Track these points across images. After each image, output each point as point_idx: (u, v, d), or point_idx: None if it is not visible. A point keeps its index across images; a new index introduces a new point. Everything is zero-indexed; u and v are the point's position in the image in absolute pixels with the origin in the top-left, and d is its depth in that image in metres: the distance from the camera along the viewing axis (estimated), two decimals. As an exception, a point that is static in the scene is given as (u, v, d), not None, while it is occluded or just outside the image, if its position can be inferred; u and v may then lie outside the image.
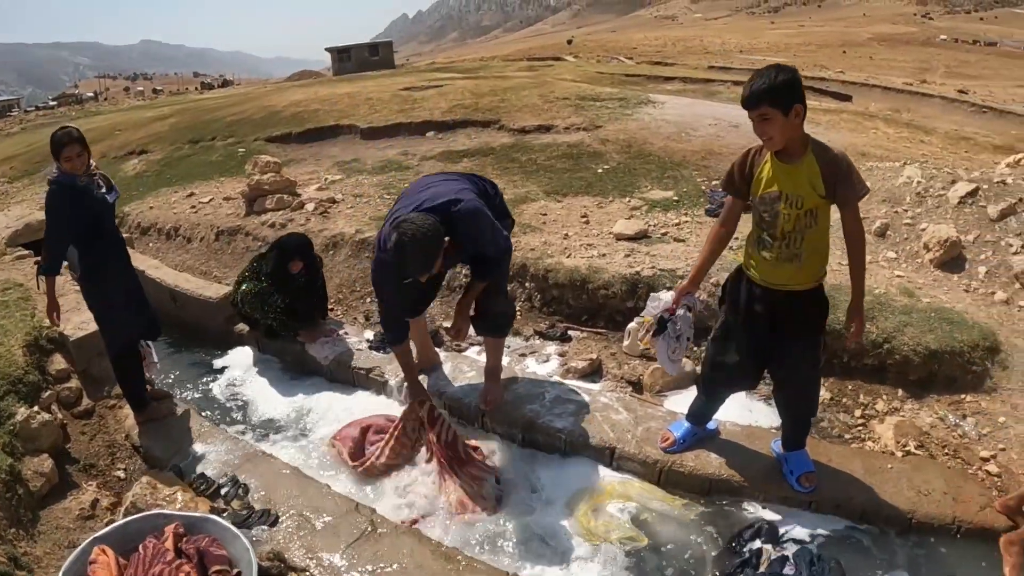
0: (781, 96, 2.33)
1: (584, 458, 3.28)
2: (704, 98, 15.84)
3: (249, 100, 15.76)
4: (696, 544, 2.81)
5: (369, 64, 41.54)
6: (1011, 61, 54.76)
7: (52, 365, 4.10)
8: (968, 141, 13.16)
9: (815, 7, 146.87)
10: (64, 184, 3.34)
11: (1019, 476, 2.93)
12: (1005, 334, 3.76)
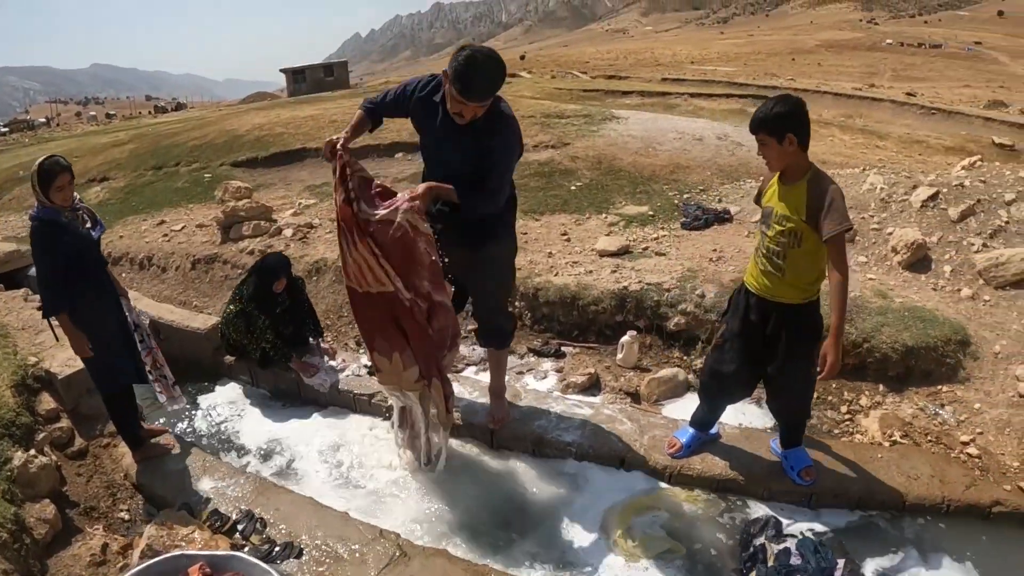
0: (775, 125, 2.66)
1: (601, 469, 3.47)
2: (664, 111, 16.38)
3: (209, 124, 15.69)
4: (718, 541, 3.05)
5: (324, 85, 41.69)
6: (956, 62, 57.35)
7: (40, 405, 4.08)
8: (921, 144, 13.94)
9: (763, 17, 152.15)
10: (46, 221, 3.28)
11: (997, 456, 3.28)
12: (974, 328, 4.16)
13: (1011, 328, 4.21)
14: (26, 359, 4.36)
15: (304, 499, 3.42)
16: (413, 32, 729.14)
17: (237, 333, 4.64)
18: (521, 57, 75.71)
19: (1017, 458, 3.26)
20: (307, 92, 37.52)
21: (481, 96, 2.82)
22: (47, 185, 3.26)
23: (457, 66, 2.76)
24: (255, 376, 4.88)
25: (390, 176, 9.37)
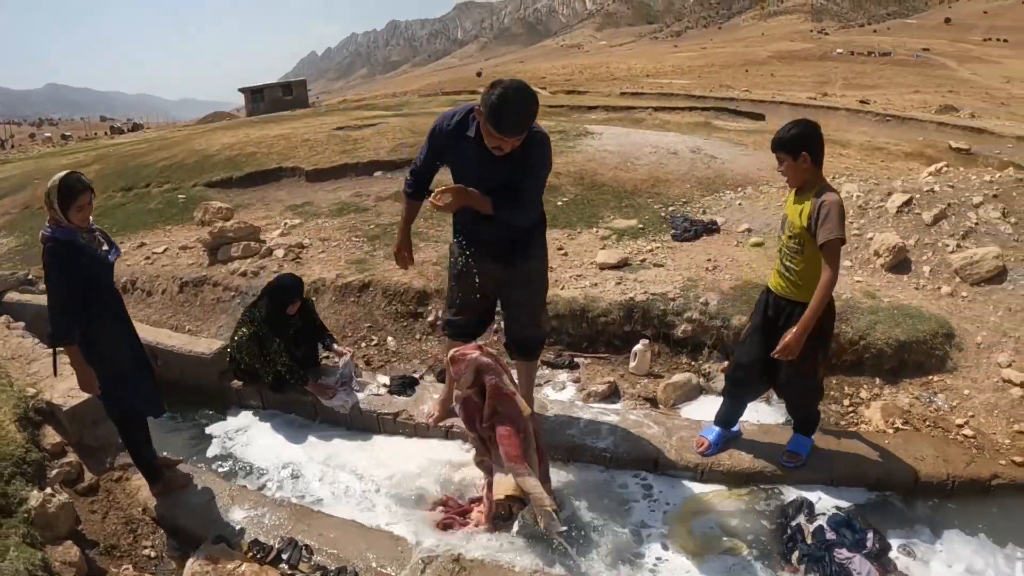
0: (791, 145, 3.09)
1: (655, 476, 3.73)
2: (633, 126, 16.87)
3: (176, 144, 15.59)
4: (763, 528, 3.35)
5: (283, 104, 41.54)
6: (905, 69, 59.65)
7: (45, 439, 3.96)
8: (882, 151, 14.65)
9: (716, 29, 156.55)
10: (62, 242, 3.18)
11: (990, 436, 3.72)
12: (956, 321, 4.61)
13: (989, 320, 4.68)
14: (24, 390, 4.23)
15: (347, 522, 3.46)
16: (369, 50, 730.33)
17: (250, 356, 4.64)
18: (478, 74, 76.42)
19: (1007, 436, 3.70)
20: (266, 111, 37.36)
21: (518, 131, 2.97)
22: (68, 203, 3.18)
23: (491, 105, 2.89)
24: (266, 400, 4.88)
25: (372, 195, 9.46)
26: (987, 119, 29.23)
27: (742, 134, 14.79)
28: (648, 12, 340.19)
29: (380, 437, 4.38)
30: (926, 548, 3.17)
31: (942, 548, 3.17)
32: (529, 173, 3.21)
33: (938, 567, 3.07)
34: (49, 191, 3.19)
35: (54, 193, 3.17)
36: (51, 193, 3.18)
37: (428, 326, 5.58)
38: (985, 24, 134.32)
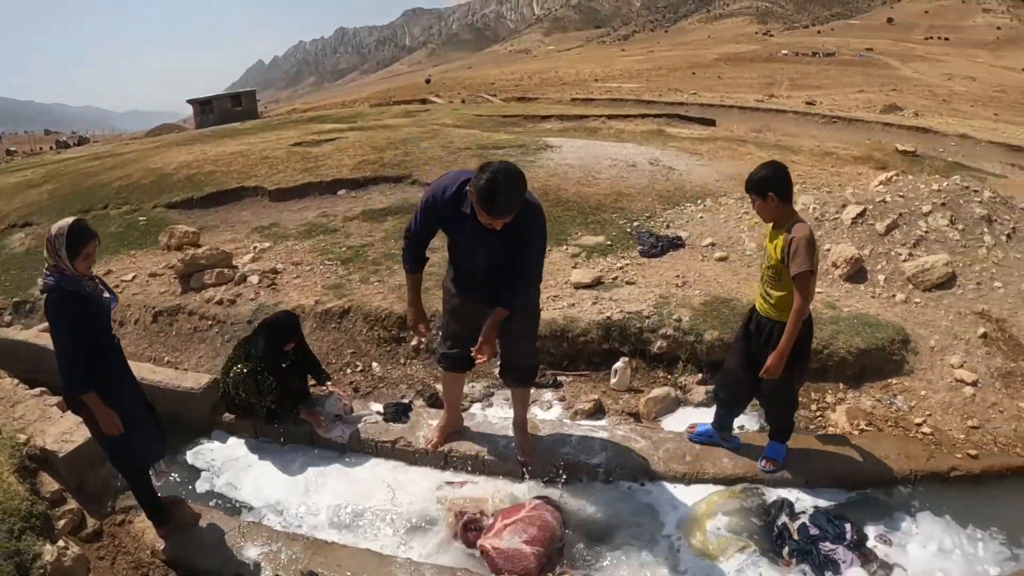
0: (758, 187, 3.52)
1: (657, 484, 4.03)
2: (589, 137, 17.21)
3: (131, 162, 15.26)
4: (753, 526, 3.70)
5: (232, 115, 41.11)
6: (849, 69, 61.83)
7: (43, 487, 3.89)
8: (831, 156, 15.31)
9: (663, 33, 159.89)
10: (69, 292, 3.17)
11: (947, 432, 4.16)
12: (911, 327, 5.06)
13: (941, 324, 5.14)
14: (15, 437, 4.12)
15: (363, 552, 3.60)
16: (317, 58, 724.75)
17: (247, 393, 4.71)
18: (426, 81, 76.67)
19: (962, 431, 4.16)
20: (215, 123, 36.93)
21: (509, 213, 3.15)
22: (76, 251, 3.14)
23: (481, 189, 3.06)
24: (259, 432, 4.93)
25: (339, 215, 9.48)
26: (931, 117, 30.70)
27: (696, 142, 15.30)
28: (595, 16, 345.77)
29: (381, 465, 4.50)
30: (901, 536, 3.58)
31: (917, 532, 3.60)
32: (529, 246, 3.44)
33: (914, 549, 3.50)
34: (55, 238, 3.13)
35: (61, 241, 3.11)
36: (57, 240, 3.12)
37: (412, 350, 5.80)
38: (926, 23, 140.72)
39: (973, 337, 4.98)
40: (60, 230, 3.15)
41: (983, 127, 25.30)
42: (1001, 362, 4.75)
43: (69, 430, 4.18)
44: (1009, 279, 5.61)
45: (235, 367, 4.77)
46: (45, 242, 3.22)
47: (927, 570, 3.38)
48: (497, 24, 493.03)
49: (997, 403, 4.42)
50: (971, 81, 55.40)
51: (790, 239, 3.41)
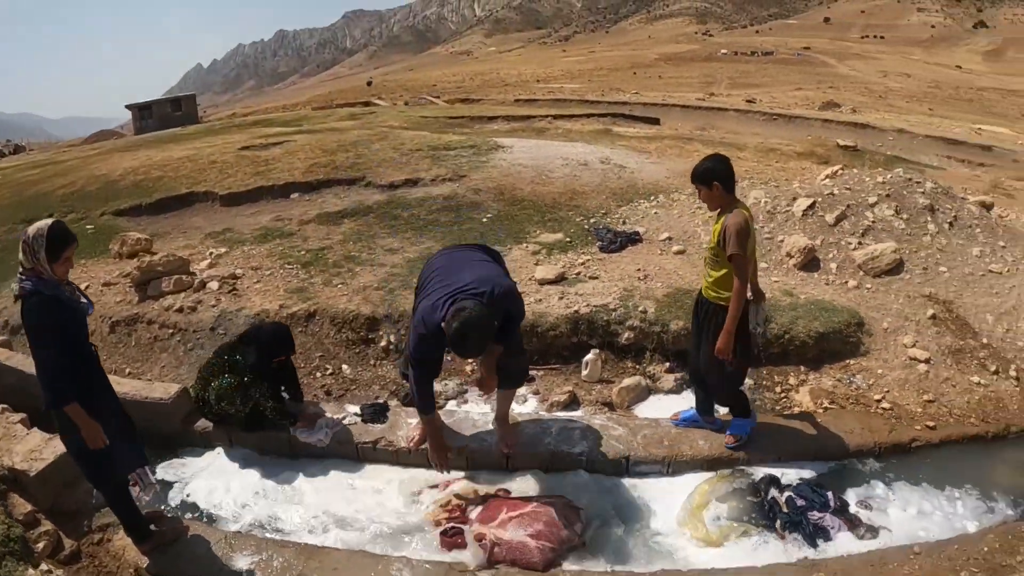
0: (704, 177, 3.85)
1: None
2: (538, 137, 17.44)
3: (74, 170, 14.83)
4: (747, 506, 3.91)
5: (173, 120, 40.36)
6: (787, 67, 63.87)
7: (15, 509, 3.78)
8: (775, 152, 15.88)
9: (603, 33, 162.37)
10: (46, 296, 3.08)
11: (905, 406, 4.50)
12: (864, 310, 5.38)
13: (892, 307, 5.49)
14: None
15: (357, 554, 3.66)
16: (256, 61, 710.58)
17: (230, 404, 4.64)
18: (368, 83, 76.14)
19: (919, 405, 4.51)
20: (154, 129, 36.16)
21: (478, 353, 3.58)
22: (56, 254, 3.09)
23: (452, 336, 3.41)
24: (234, 441, 4.89)
25: (294, 218, 9.46)
26: (868, 113, 32.05)
27: (643, 141, 15.68)
28: (537, 18, 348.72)
29: (364, 466, 4.55)
30: (881, 500, 3.90)
31: (895, 498, 3.92)
32: (511, 340, 3.92)
33: (895, 512, 3.81)
34: (33, 240, 3.06)
35: (40, 243, 3.05)
36: (36, 243, 3.05)
37: (381, 351, 5.87)
38: (862, 23, 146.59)
39: (923, 318, 5.34)
40: (39, 232, 3.08)
41: (919, 122, 26.54)
42: (951, 340, 5.12)
43: (37, 447, 4.07)
44: (953, 264, 6.02)
45: (220, 378, 4.69)
46: (21, 244, 3.12)
47: (910, 531, 3.67)
48: (438, 26, 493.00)
49: (949, 378, 4.79)
50: (906, 78, 57.94)
51: (725, 225, 3.73)
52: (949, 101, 45.99)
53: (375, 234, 8.42)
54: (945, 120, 31.01)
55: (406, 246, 7.86)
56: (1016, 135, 26.54)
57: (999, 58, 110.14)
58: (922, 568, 3.12)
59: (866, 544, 3.55)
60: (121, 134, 44.14)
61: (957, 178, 13.09)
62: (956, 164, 19.37)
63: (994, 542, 3.30)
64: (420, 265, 7.09)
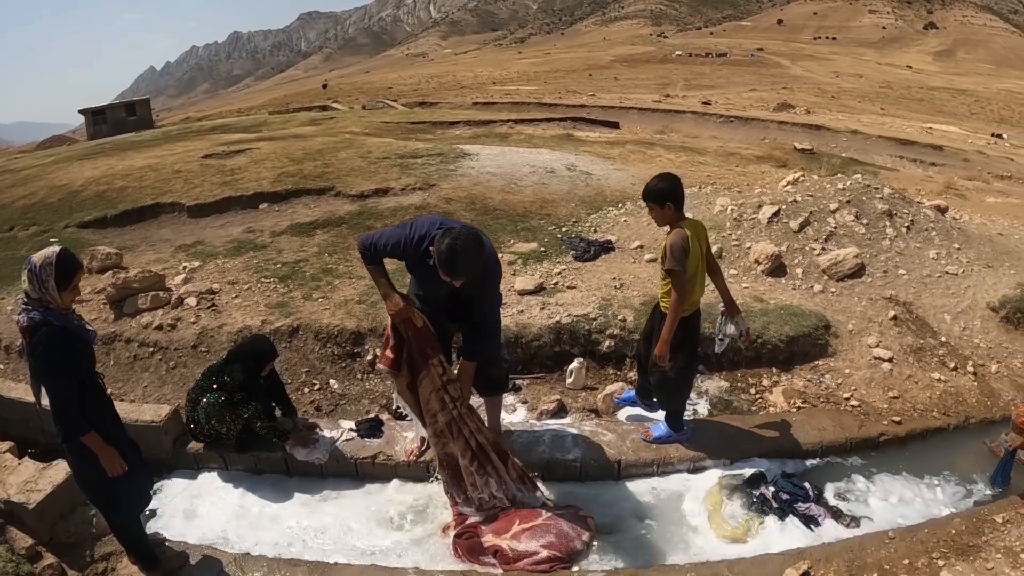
0: (658, 197, 4.07)
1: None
2: (501, 143, 17.70)
3: (32, 179, 14.37)
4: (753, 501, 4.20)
5: (127, 125, 39.72)
6: (741, 68, 65.20)
7: (16, 543, 3.75)
8: (735, 156, 16.39)
9: (559, 35, 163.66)
10: (56, 326, 3.06)
11: (872, 403, 4.87)
12: (831, 313, 5.75)
13: (856, 310, 5.86)
14: None
15: (371, 568, 3.78)
16: (211, 63, 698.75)
17: (220, 423, 4.68)
18: (323, 86, 75.61)
19: (885, 402, 4.88)
20: (108, 134, 35.50)
21: (466, 276, 3.49)
22: (66, 283, 3.06)
23: (441, 254, 3.40)
24: (228, 461, 4.91)
25: (265, 230, 9.47)
26: (822, 114, 33.03)
27: (606, 146, 16.05)
28: (492, 20, 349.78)
29: (364, 482, 4.66)
30: (859, 492, 4.25)
31: (874, 488, 4.27)
32: (484, 300, 3.90)
33: (875, 502, 4.16)
34: (40, 269, 3.03)
35: (49, 271, 3.02)
36: (44, 271, 3.02)
37: (367, 365, 6.02)
38: (815, 24, 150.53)
39: (885, 319, 5.73)
40: (47, 260, 3.04)
41: (871, 122, 27.45)
42: (912, 340, 5.51)
43: (32, 478, 3.99)
44: (911, 266, 6.44)
45: (206, 397, 4.71)
46: (26, 274, 3.06)
47: (890, 519, 4.01)
48: (394, 28, 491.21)
49: (912, 375, 5.18)
50: (858, 78, 59.73)
51: (668, 243, 4.00)
52: (901, 101, 47.56)
53: (350, 245, 8.45)
54: (897, 120, 32.16)
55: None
56: (966, 134, 27.69)
57: (949, 58, 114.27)
58: (897, 551, 3.43)
59: (850, 531, 3.86)
60: (74, 140, 43.26)
61: (911, 179, 13.71)
62: (909, 164, 20.20)
63: (960, 525, 3.63)
64: (399, 276, 7.29)
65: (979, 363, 5.44)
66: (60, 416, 3.15)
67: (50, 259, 3.05)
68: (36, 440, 4.80)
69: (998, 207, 10.57)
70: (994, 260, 6.81)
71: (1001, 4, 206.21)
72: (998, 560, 3.30)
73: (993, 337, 5.75)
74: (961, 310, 5.95)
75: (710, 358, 5.48)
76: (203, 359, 6.16)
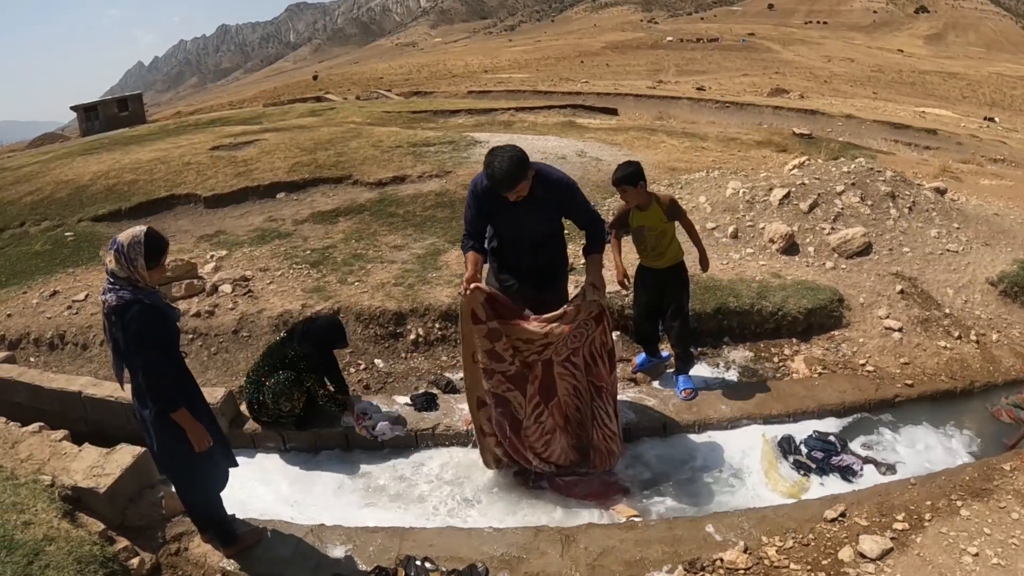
0: (631, 179, 4.74)
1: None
2: (505, 131, 17.91)
3: (35, 176, 14.36)
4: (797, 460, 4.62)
5: (120, 121, 39.57)
6: (732, 53, 65.34)
7: (88, 528, 3.72)
8: (736, 141, 16.71)
9: (549, 23, 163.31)
10: (149, 305, 3.12)
11: (885, 369, 5.34)
12: (843, 288, 6.19)
13: (865, 285, 6.31)
14: (38, 480, 3.88)
15: (448, 530, 3.96)
16: (199, 57, 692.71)
17: (288, 400, 4.83)
18: (314, 77, 75.40)
19: (897, 367, 5.36)
20: (101, 130, 35.42)
21: (510, 188, 3.77)
22: (155, 261, 3.14)
23: (489, 172, 3.77)
24: (286, 439, 5.07)
25: (287, 218, 9.64)
26: (815, 98, 33.43)
27: (610, 132, 16.33)
28: (482, 8, 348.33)
29: (424, 451, 4.92)
30: (888, 442, 4.74)
31: (900, 439, 4.76)
32: (575, 208, 4.21)
33: (902, 450, 4.67)
34: (129, 247, 3.10)
35: (139, 249, 3.09)
36: (132, 250, 3.09)
37: (411, 344, 6.38)
38: (806, 8, 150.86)
39: (893, 293, 6.17)
40: (135, 238, 3.11)
41: (864, 106, 27.87)
42: (919, 311, 5.96)
43: (97, 463, 4.02)
44: (915, 244, 6.88)
45: (274, 377, 4.86)
46: (113, 254, 3.13)
47: (919, 463, 4.52)
48: (383, 17, 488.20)
49: (920, 343, 5.64)
50: (850, 62, 60.12)
51: (666, 202, 4.85)
52: (892, 85, 47.95)
53: (375, 232, 8.74)
54: (889, 104, 32.61)
55: (410, 242, 8.21)
56: (958, 117, 28.16)
57: (940, 41, 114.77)
58: (919, 494, 3.86)
59: (887, 477, 4.33)
60: (66, 137, 43.20)
61: (907, 163, 14.11)
62: (904, 148, 20.65)
63: (973, 472, 4.06)
64: (431, 260, 7.64)
65: (981, 332, 5.89)
66: (156, 391, 3.20)
67: (138, 237, 3.11)
68: (79, 430, 4.78)
69: (992, 189, 11.02)
70: (991, 239, 7.26)
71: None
72: (1009, 500, 3.74)
73: (993, 309, 6.20)
74: (962, 284, 6.40)
75: (733, 329, 5.94)
76: (245, 344, 6.42)
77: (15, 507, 3.60)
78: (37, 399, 5.44)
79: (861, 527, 3.63)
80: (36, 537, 3.40)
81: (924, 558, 3.37)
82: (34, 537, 3.39)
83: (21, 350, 6.98)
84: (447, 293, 6.66)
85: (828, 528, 3.65)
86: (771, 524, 3.72)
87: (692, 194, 8.54)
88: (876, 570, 3.31)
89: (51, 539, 3.41)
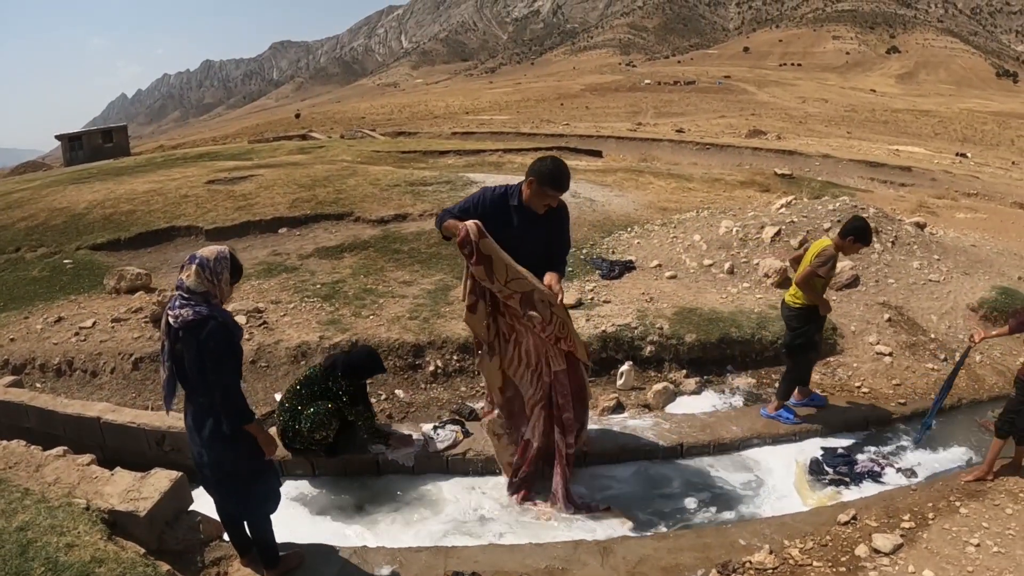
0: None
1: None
2: (497, 171, 18.24)
3: (26, 202, 13.95)
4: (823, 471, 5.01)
5: (104, 152, 39.57)
6: (709, 96, 66.81)
7: (128, 553, 3.66)
8: (720, 182, 17.30)
9: (528, 65, 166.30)
10: (223, 323, 3.18)
11: (879, 390, 5.79)
12: (835, 317, 6.66)
13: (855, 314, 6.80)
14: (71, 504, 3.83)
15: (490, 547, 4.15)
16: (182, 92, 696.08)
17: (324, 429, 4.97)
18: (296, 115, 76.03)
19: (890, 388, 5.85)
20: (85, 160, 35.53)
21: (566, 186, 4.14)
22: (237, 277, 3.29)
23: (548, 171, 4.05)
24: (316, 466, 5.18)
25: (291, 253, 9.78)
26: (791, 139, 34.50)
27: (599, 174, 16.83)
28: (463, 50, 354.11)
29: (455, 476, 5.13)
30: (896, 452, 5.18)
31: (907, 449, 5.22)
32: (564, 236, 4.53)
33: (912, 456, 5.18)
34: (214, 263, 3.18)
35: (224, 264, 3.18)
36: (219, 265, 3.17)
37: (430, 376, 6.66)
38: (780, 51, 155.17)
39: (881, 321, 6.67)
40: (221, 254, 3.21)
41: (840, 146, 28.82)
42: (906, 337, 6.46)
43: (133, 487, 3.99)
44: (899, 275, 7.41)
45: (313, 407, 5.00)
46: (195, 268, 3.17)
47: (932, 467, 5.01)
48: (365, 57, 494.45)
49: (910, 366, 6.14)
50: (824, 103, 61.88)
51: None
52: (866, 124, 49.38)
53: (382, 267, 8.91)
54: (864, 143, 33.72)
55: (418, 278, 8.45)
56: (931, 154, 29.20)
57: (911, 80, 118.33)
58: (921, 497, 4.32)
59: (910, 480, 4.77)
60: (48, 166, 43.27)
61: (885, 199, 14.80)
62: (880, 185, 21.49)
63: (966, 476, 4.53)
64: (441, 296, 7.99)
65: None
66: (234, 405, 3.25)
67: (223, 253, 3.22)
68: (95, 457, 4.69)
69: (968, 222, 11.69)
70: (969, 268, 7.81)
71: (961, 26, 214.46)
72: (1002, 498, 4.21)
73: (974, 333, 6.73)
74: (945, 311, 6.91)
75: (735, 358, 6.37)
76: (263, 374, 6.52)
77: (54, 529, 3.56)
78: (49, 425, 5.42)
79: (872, 527, 4.05)
80: (83, 559, 3.39)
81: (932, 550, 3.80)
82: (80, 559, 3.39)
83: (26, 375, 6.89)
84: (462, 327, 6.96)
85: (843, 530, 4.07)
86: (791, 529, 4.13)
87: (686, 232, 9.02)
88: (891, 563, 3.72)
89: (100, 561, 3.41)
